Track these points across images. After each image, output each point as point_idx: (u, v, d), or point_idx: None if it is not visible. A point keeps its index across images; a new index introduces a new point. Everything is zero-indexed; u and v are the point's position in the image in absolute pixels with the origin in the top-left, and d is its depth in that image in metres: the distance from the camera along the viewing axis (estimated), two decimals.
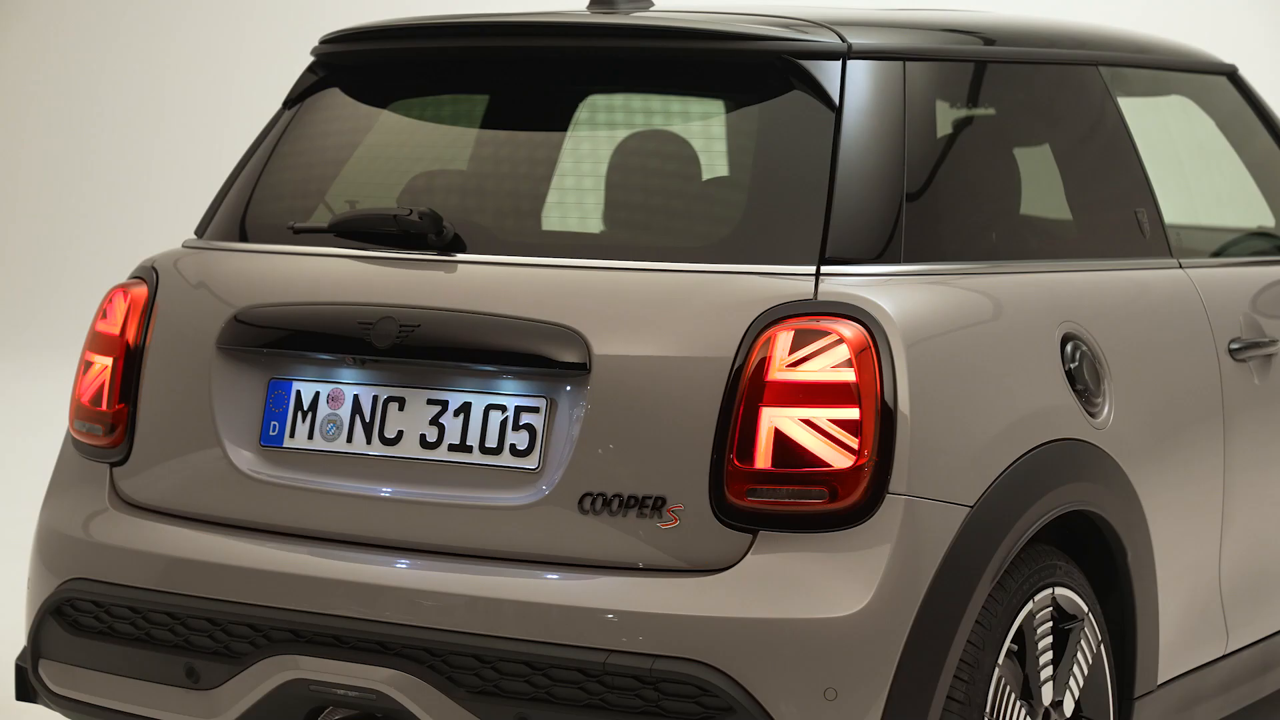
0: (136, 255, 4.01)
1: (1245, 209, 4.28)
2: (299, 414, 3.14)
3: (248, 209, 3.39)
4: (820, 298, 2.89)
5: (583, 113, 3.27)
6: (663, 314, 2.93)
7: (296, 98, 3.46)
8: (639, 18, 3.21)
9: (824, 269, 2.92)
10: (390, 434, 3.07)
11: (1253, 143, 4.20)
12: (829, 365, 2.84)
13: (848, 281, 2.91)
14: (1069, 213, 3.52)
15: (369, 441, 3.08)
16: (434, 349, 3.03)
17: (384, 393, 3.08)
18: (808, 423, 2.83)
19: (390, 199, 3.29)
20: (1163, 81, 4.00)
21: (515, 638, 2.88)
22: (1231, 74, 4.15)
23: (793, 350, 2.85)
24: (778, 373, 2.84)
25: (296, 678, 3.02)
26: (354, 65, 3.44)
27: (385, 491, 3.05)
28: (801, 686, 2.77)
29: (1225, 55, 4.17)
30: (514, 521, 2.94)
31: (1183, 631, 3.48)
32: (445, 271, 3.11)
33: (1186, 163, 4.13)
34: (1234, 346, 3.65)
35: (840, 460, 2.81)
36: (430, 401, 3.05)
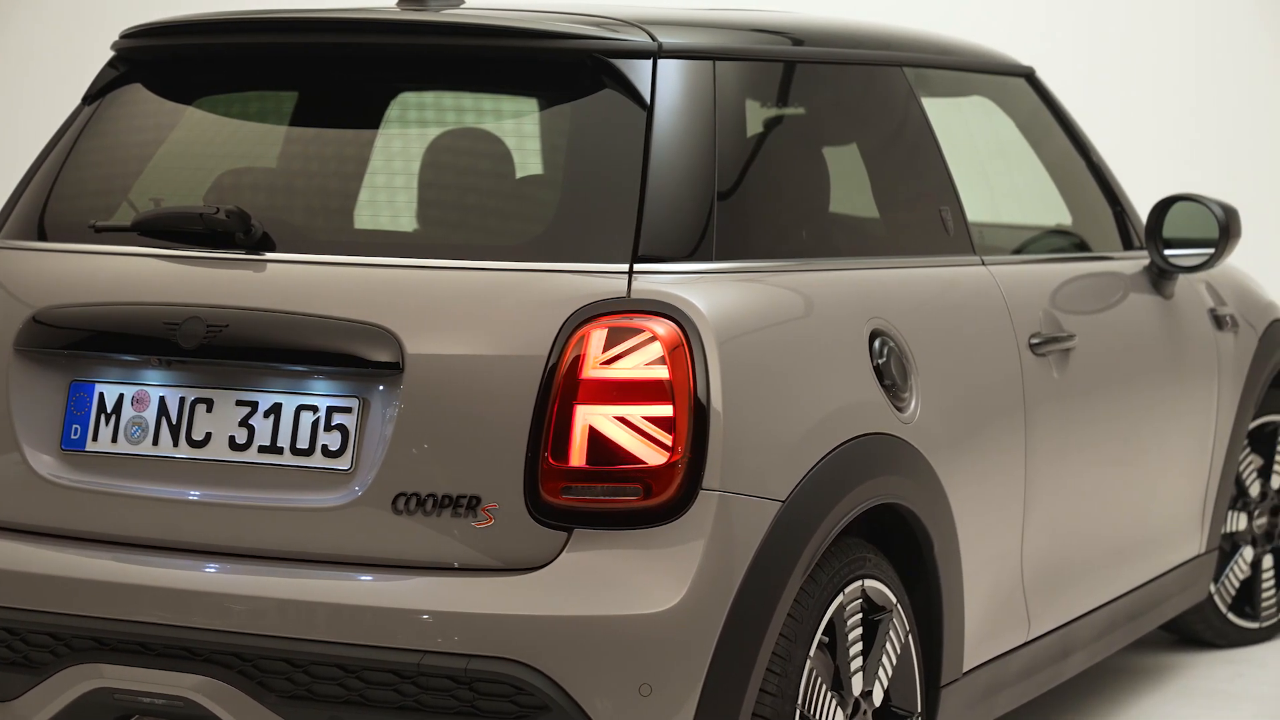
0: None
1: (1044, 207, 4.39)
2: (102, 417, 3.07)
3: (46, 207, 3.30)
4: (633, 296, 2.90)
5: (394, 110, 3.24)
6: (476, 313, 2.92)
7: (97, 93, 3.38)
8: (449, 15, 3.19)
9: (637, 267, 2.93)
10: (198, 436, 3.01)
11: (1050, 143, 4.31)
12: (642, 363, 2.85)
13: (660, 279, 2.93)
14: (876, 211, 3.58)
15: (176, 444, 3.02)
16: (243, 349, 2.98)
17: (191, 394, 3.02)
18: (622, 420, 2.84)
19: (196, 197, 3.23)
20: (964, 82, 4.08)
21: (328, 640, 2.85)
22: (1029, 76, 4.26)
23: (606, 348, 2.85)
24: (591, 370, 2.85)
25: (100, 686, 2.96)
26: (157, 60, 3.37)
27: (194, 494, 2.99)
28: (616, 683, 2.78)
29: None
30: (327, 523, 2.91)
31: (987, 620, 3.56)
32: (254, 270, 3.06)
33: (988, 162, 4.23)
34: (1034, 341, 3.75)
35: (654, 457, 2.83)
36: (240, 403, 3.00)
